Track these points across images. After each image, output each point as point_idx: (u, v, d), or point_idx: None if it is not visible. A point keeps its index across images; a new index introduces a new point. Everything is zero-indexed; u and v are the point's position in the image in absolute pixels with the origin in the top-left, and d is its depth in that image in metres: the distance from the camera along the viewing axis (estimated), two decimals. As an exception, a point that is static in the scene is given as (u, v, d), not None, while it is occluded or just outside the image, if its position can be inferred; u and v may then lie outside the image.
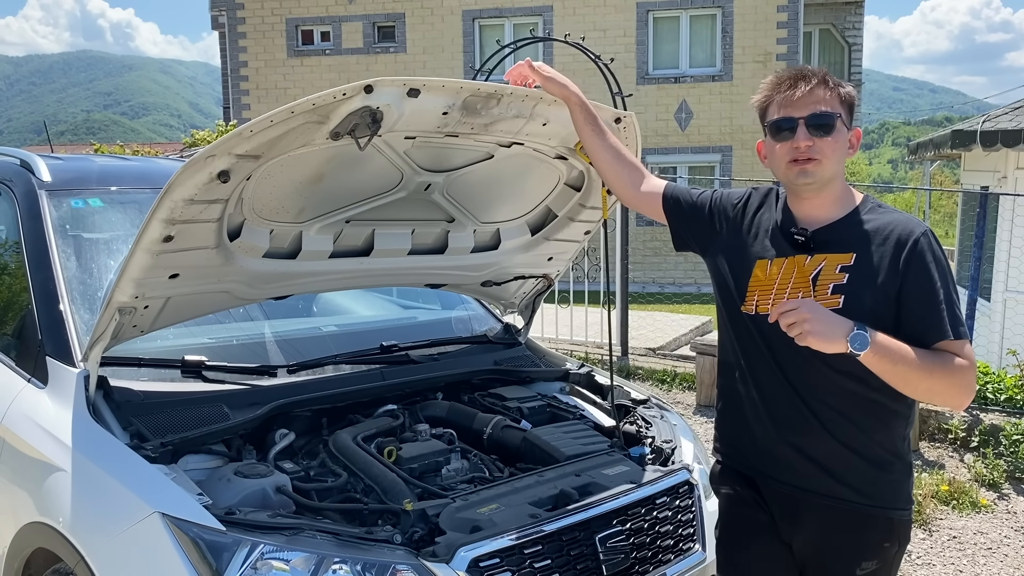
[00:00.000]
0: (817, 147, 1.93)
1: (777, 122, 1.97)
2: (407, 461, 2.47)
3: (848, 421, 1.96)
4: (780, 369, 2.00)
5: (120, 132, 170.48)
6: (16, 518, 2.35)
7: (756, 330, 2.05)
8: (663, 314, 10.91)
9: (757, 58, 16.25)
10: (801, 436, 2.00)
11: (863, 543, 2.01)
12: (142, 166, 3.63)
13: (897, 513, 2.01)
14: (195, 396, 2.49)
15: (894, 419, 1.99)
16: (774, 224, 2.07)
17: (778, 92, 1.99)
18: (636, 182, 2.32)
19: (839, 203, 2.01)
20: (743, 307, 2.07)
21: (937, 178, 22.32)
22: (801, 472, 2.01)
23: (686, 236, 2.27)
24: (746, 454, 2.13)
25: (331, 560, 1.93)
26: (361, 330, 3.38)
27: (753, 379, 2.07)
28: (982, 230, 6.23)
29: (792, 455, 2.02)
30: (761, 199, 2.15)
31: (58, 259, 2.70)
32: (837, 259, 1.94)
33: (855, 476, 1.98)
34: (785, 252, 2.02)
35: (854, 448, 1.97)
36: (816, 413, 1.97)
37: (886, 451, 1.99)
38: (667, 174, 15.98)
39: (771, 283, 2.02)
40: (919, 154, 10.85)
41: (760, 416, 2.06)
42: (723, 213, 2.19)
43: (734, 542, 2.18)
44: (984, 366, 6.33)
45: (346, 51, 18.19)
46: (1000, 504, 4.99)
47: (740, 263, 2.10)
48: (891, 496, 2.00)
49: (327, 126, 2.04)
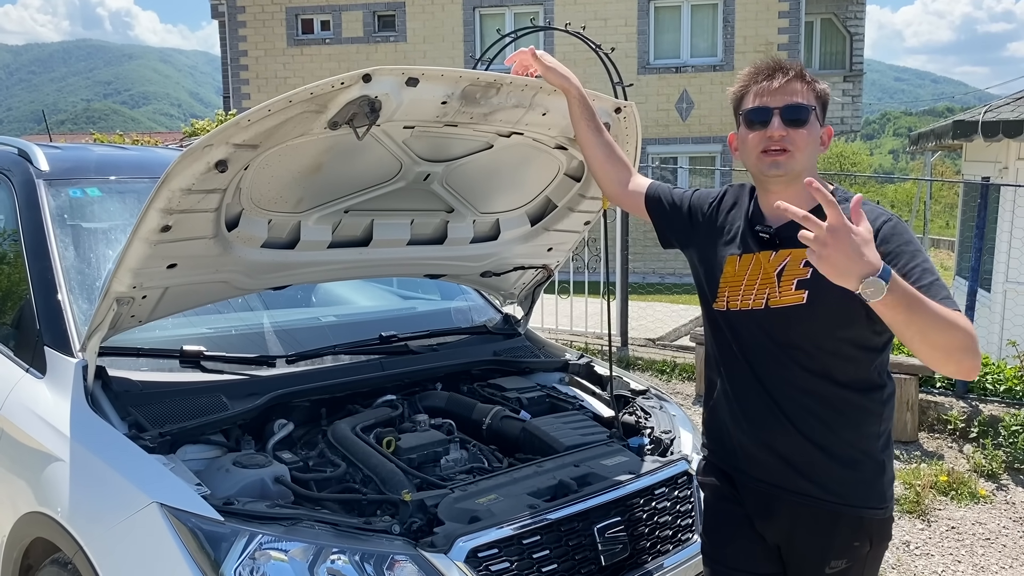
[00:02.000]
0: (790, 138, 1.93)
1: (752, 111, 1.97)
2: (406, 451, 2.47)
3: (815, 419, 1.95)
4: (750, 366, 2.00)
5: (120, 121, 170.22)
6: (15, 508, 2.35)
7: (727, 327, 2.05)
8: (663, 305, 10.91)
9: (759, 48, 16.19)
10: (770, 433, 2.00)
11: (832, 542, 1.99)
12: (140, 155, 3.62)
13: (868, 512, 1.99)
14: (193, 386, 2.49)
15: (864, 417, 1.97)
16: (744, 221, 2.08)
17: (754, 83, 1.99)
18: (624, 180, 2.35)
19: (809, 198, 1.88)
20: (715, 304, 2.08)
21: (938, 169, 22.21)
22: (771, 469, 2.02)
23: (668, 234, 2.30)
24: (722, 449, 2.15)
25: (329, 550, 1.93)
26: (360, 320, 3.38)
27: (727, 375, 2.08)
28: (983, 221, 6.22)
29: (763, 451, 2.02)
30: (735, 197, 2.16)
31: (56, 249, 2.69)
32: (801, 254, 1.83)
33: (823, 474, 1.97)
34: (751, 249, 2.02)
35: (821, 446, 1.95)
36: (784, 410, 1.96)
37: (855, 449, 1.97)
38: (668, 164, 15.98)
39: (739, 279, 2.02)
40: (920, 144, 10.82)
41: (734, 412, 2.07)
42: (700, 211, 2.20)
43: (716, 535, 2.18)
44: (984, 357, 6.33)
45: (346, 40, 18.14)
46: (999, 495, 5.00)
47: (712, 260, 2.11)
48: (862, 495, 1.98)
49: (325, 115, 2.03)
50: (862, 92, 19.57)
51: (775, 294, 1.94)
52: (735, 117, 2.06)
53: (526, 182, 2.90)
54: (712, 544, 2.19)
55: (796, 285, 1.91)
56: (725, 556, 2.15)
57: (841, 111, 18.92)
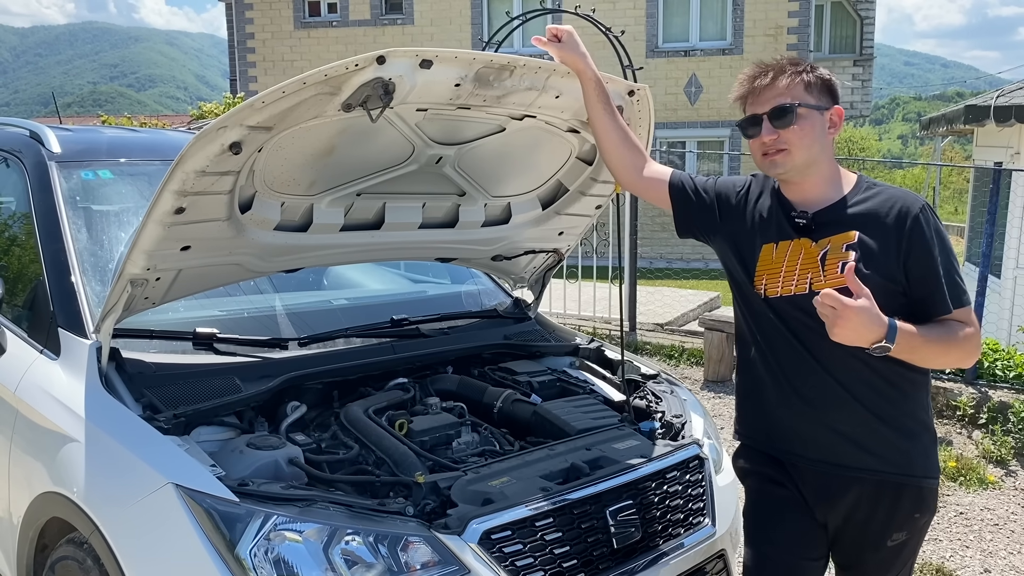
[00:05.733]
0: (782, 138, 2.01)
1: (744, 121, 2.09)
2: (418, 434, 2.48)
3: (876, 393, 2.01)
4: (804, 347, 2.04)
5: (127, 104, 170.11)
6: (30, 488, 2.37)
7: (772, 312, 2.09)
8: (671, 289, 10.90)
9: (768, 31, 16.07)
10: (833, 411, 2.04)
11: (894, 514, 2.06)
12: (151, 138, 3.61)
13: (927, 482, 2.06)
14: (207, 368, 2.49)
15: (916, 388, 2.05)
16: (773, 209, 2.13)
17: (749, 87, 2.09)
18: (639, 166, 2.34)
19: (831, 185, 2.07)
20: (755, 290, 2.11)
21: (947, 154, 22.09)
22: (832, 448, 2.06)
23: (693, 222, 2.29)
24: (771, 435, 2.17)
25: (344, 531, 1.94)
26: (371, 304, 3.38)
27: (775, 359, 2.10)
28: (994, 206, 6.18)
29: (822, 432, 2.06)
30: (760, 186, 2.22)
31: (69, 231, 2.69)
32: (841, 239, 2.00)
33: (887, 447, 2.03)
34: (788, 235, 2.08)
35: (884, 419, 2.02)
36: (846, 387, 2.01)
37: (914, 421, 2.05)
38: (676, 149, 15.89)
39: (778, 265, 2.07)
40: (931, 129, 10.76)
41: (786, 395, 2.09)
42: (727, 199, 2.24)
43: (766, 520, 2.20)
44: (994, 343, 6.31)
45: (353, 23, 18.05)
46: (1007, 481, 5.00)
47: (747, 247, 2.15)
48: (922, 465, 2.06)
49: (339, 97, 2.02)
50: (872, 76, 19.41)
51: (819, 278, 2.00)
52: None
53: (538, 165, 2.89)
54: (760, 529, 2.22)
55: (841, 269, 1.95)
56: (775, 540, 2.17)
57: (851, 96, 18.79)
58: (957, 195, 32.13)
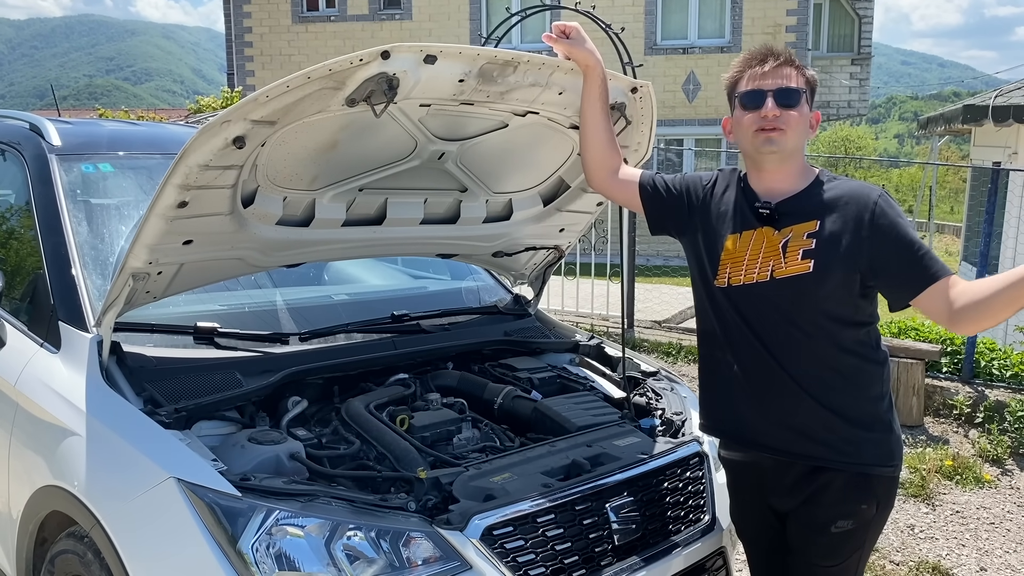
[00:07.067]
0: (783, 118, 2.07)
1: (747, 93, 2.11)
2: (419, 430, 2.47)
3: (827, 386, 2.07)
4: (760, 341, 2.11)
5: (123, 98, 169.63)
6: (31, 481, 2.37)
7: (731, 305, 2.15)
8: (668, 287, 10.90)
9: (767, 29, 16.07)
10: (786, 405, 2.10)
11: (840, 502, 2.11)
12: (152, 131, 3.60)
13: (876, 470, 2.10)
14: (208, 363, 2.49)
15: (869, 380, 2.10)
16: (738, 200, 2.19)
17: (748, 68, 2.13)
18: (615, 168, 2.42)
19: (800, 177, 2.15)
20: (716, 281, 2.18)
21: (943, 154, 22.10)
22: (785, 439, 2.12)
23: (664, 220, 2.36)
24: (731, 427, 2.26)
25: (346, 527, 1.94)
26: (372, 299, 3.37)
27: (733, 351, 2.17)
28: (993, 206, 6.19)
29: (776, 426, 2.12)
30: (726, 181, 2.27)
31: (69, 223, 2.68)
32: (803, 227, 2.07)
33: (838, 437, 2.08)
34: (751, 225, 2.14)
35: (836, 411, 2.07)
36: (798, 381, 2.07)
37: (865, 412, 2.10)
38: (673, 146, 15.90)
39: (741, 254, 2.14)
40: (929, 129, 10.78)
41: (743, 388, 2.16)
42: (695, 192, 2.30)
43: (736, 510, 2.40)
44: (991, 342, 6.33)
45: (351, 18, 18.00)
46: (1003, 480, 5.01)
47: (712, 239, 2.21)
48: (872, 453, 2.10)
49: (343, 92, 2.02)
50: (870, 75, 19.43)
51: (780, 265, 2.06)
52: (729, 101, 2.19)
53: (540, 162, 2.89)
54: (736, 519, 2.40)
55: (802, 255, 2.04)
56: (745, 530, 2.35)
57: (848, 94, 18.81)
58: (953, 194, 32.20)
